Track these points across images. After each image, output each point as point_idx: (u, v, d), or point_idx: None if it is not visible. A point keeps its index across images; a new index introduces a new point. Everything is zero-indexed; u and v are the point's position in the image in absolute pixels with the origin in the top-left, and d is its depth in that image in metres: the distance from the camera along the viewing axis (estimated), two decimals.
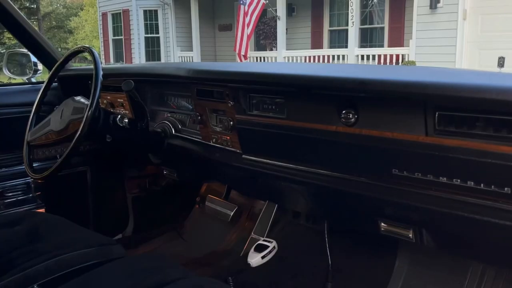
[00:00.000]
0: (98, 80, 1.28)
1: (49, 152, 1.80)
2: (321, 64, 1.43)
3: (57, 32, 24.79)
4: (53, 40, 22.36)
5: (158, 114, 1.64)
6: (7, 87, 1.81)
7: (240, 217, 1.94)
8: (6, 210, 1.70)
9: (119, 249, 1.30)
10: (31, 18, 16.89)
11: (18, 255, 1.27)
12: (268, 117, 1.14)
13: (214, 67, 1.24)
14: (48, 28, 24.05)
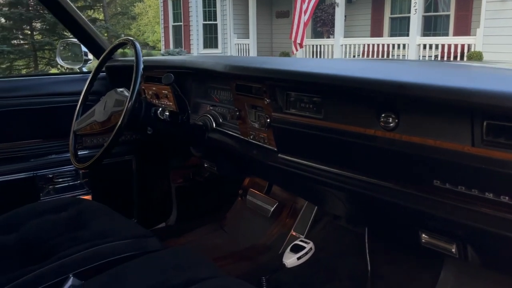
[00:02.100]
0: (138, 73, 1.28)
1: (97, 140, 1.86)
2: (362, 62, 1.35)
3: (121, 19, 25.59)
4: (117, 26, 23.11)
5: (201, 106, 1.63)
6: (59, 76, 1.87)
7: (281, 213, 1.91)
8: (55, 195, 1.78)
9: (155, 242, 1.32)
10: (96, 5, 17.58)
11: (60, 242, 1.32)
12: (304, 116, 1.09)
13: (252, 63, 1.21)
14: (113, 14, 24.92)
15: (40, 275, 1.12)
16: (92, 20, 16.24)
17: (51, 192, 1.78)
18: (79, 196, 1.79)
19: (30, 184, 1.72)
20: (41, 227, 1.42)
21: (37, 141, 1.74)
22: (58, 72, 10.71)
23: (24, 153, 1.72)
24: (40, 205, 1.60)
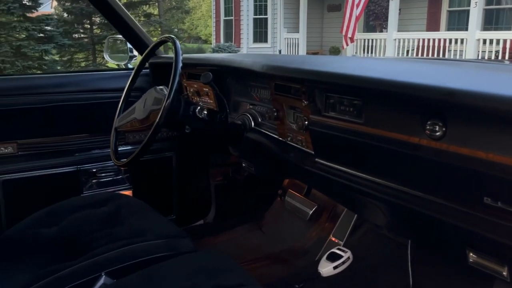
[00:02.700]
0: (176, 72, 1.27)
1: (139, 137, 1.88)
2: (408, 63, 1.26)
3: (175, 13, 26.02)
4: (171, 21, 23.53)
5: (240, 105, 1.60)
6: (105, 73, 1.91)
7: (320, 217, 1.85)
8: (97, 190, 1.81)
9: (188, 243, 1.30)
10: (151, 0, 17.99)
11: (96, 238, 1.33)
12: (343, 120, 1.03)
13: (290, 63, 1.16)
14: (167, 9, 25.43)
15: (74, 272, 1.14)
16: (146, 15, 16.66)
17: (93, 186, 1.81)
18: (120, 191, 1.81)
19: (73, 178, 1.76)
20: (80, 222, 1.44)
21: (82, 135, 1.78)
22: (104, 68, 11.11)
23: (69, 147, 1.76)
24: (81, 199, 1.63)
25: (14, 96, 1.65)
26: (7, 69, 11.88)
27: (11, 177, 1.66)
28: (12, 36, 12.35)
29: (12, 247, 1.35)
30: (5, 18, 12.03)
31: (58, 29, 13.33)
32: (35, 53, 12.40)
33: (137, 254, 1.22)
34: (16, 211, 1.64)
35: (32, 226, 1.46)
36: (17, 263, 1.25)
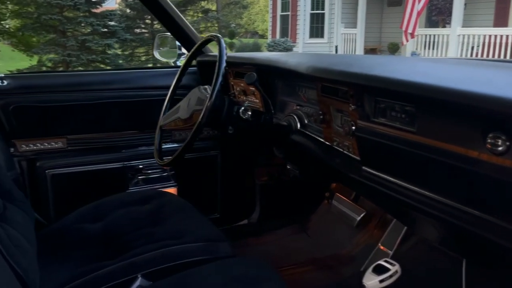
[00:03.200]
0: (219, 72, 1.23)
1: (185, 134, 1.87)
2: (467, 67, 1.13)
3: (233, 8, 26.20)
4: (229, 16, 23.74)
5: (287, 105, 1.55)
6: (153, 70, 1.92)
7: (368, 224, 1.76)
8: (143, 186, 1.83)
9: (226, 248, 1.27)
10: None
11: (136, 237, 1.33)
12: (394, 127, 0.94)
13: (337, 64, 1.08)
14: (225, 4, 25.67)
15: (112, 271, 1.14)
16: (204, 11, 16.89)
17: (139, 182, 1.83)
18: (165, 189, 1.81)
19: (120, 174, 1.79)
20: (123, 219, 1.45)
21: (129, 132, 1.80)
22: (152, 66, 11.42)
23: (116, 144, 1.79)
24: (126, 195, 1.65)
25: (64, 93, 1.70)
26: (72, 62, 12.49)
27: (60, 172, 1.71)
28: (78, 31, 12.95)
29: (56, 241, 1.38)
30: (73, 13, 12.62)
31: (121, 24, 13.82)
32: (99, 47, 12.94)
33: (175, 256, 1.20)
34: (64, 205, 1.69)
35: (78, 220, 1.48)
36: (59, 259, 1.27)
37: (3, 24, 13.10)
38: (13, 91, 1.62)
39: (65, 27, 12.44)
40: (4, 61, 13.73)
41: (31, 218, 1.42)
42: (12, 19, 13.26)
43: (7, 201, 1.33)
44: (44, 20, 12.14)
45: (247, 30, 25.97)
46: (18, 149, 1.66)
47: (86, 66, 12.65)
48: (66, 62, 12.50)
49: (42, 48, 12.41)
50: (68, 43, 12.39)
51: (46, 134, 1.69)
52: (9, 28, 13.34)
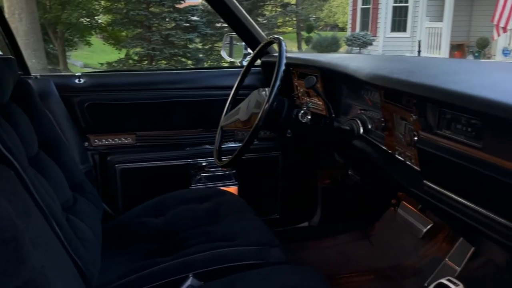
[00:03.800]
0: (278, 76, 1.21)
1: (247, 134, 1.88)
2: None
3: (314, 0, 25.82)
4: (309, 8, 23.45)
5: (351, 108, 1.49)
6: (217, 70, 1.95)
7: (436, 236, 1.65)
8: (205, 183, 1.87)
9: (278, 253, 1.26)
10: None
11: (192, 235, 1.37)
12: (458, 141, 0.87)
13: (398, 72, 1.01)
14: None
15: (165, 269, 1.17)
16: (283, 5, 16.84)
17: (202, 180, 1.87)
18: (227, 187, 1.83)
19: (183, 171, 1.84)
20: (182, 216, 1.49)
21: (193, 131, 1.85)
22: (217, 66, 11.52)
23: (181, 141, 1.84)
24: (188, 192, 1.69)
25: (134, 91, 1.78)
26: (156, 56, 13.09)
27: (128, 166, 1.79)
28: (162, 26, 13.53)
29: (120, 233, 1.45)
30: (158, 9, 13.20)
31: (202, 19, 14.20)
32: (181, 41, 13.41)
33: (226, 259, 1.21)
34: (131, 198, 1.77)
35: (141, 214, 1.55)
36: (120, 251, 1.34)
37: (96, 19, 14.04)
38: (88, 89, 1.73)
39: (151, 22, 13.03)
40: (97, 53, 14.77)
41: (99, 210, 1.51)
42: (104, 14, 14.15)
43: (78, 194, 1.42)
44: (132, 15, 12.82)
45: (327, 23, 25.49)
46: (91, 143, 1.77)
47: (168, 60, 13.19)
48: (150, 56, 13.12)
49: (129, 42, 13.12)
50: (153, 38, 12.99)
51: (117, 130, 1.78)
52: (101, 23, 14.27)
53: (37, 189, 1.03)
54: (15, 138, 1.16)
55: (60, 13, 12.44)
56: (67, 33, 13.45)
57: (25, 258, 0.70)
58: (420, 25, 11.86)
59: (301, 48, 17.29)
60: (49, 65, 12.33)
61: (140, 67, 13.02)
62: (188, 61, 13.39)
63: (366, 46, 13.17)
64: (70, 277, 0.98)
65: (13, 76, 1.30)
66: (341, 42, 14.66)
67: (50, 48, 13.16)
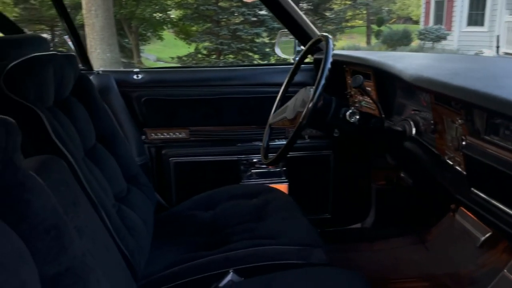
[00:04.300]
0: (323, 75, 1.19)
1: None
2: None
3: None
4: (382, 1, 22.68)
5: (405, 108, 1.43)
6: (269, 67, 1.95)
7: (495, 246, 1.55)
8: (255, 179, 1.89)
9: (320, 254, 1.25)
10: None
11: (237, 231, 1.39)
12: (506, 149, 0.81)
13: (444, 75, 0.95)
14: None
15: (207, 263, 1.20)
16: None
17: (252, 176, 1.89)
18: (277, 184, 1.84)
19: (234, 166, 1.87)
20: (231, 211, 1.52)
21: (244, 127, 1.87)
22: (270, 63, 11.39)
23: (232, 137, 1.87)
24: (238, 188, 1.72)
25: (189, 87, 1.83)
26: (224, 50, 13.33)
27: (182, 160, 1.85)
28: (230, 20, 13.74)
29: (171, 225, 1.51)
30: (227, 3, 13.42)
31: (270, 13, 14.20)
32: (248, 36, 13.54)
33: (267, 257, 1.22)
34: (183, 191, 1.83)
35: (192, 207, 1.60)
36: (169, 242, 1.39)
37: (168, 14, 14.55)
38: (145, 84, 1.80)
39: (219, 17, 13.28)
40: (168, 47, 15.32)
41: (153, 202, 1.58)
42: (175, 9, 14.63)
43: (132, 185, 1.49)
44: (201, 10, 13.14)
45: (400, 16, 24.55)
46: (148, 137, 1.85)
47: (236, 55, 13.38)
48: (218, 50, 13.39)
49: (198, 36, 13.47)
50: (221, 32, 13.23)
51: (171, 125, 1.85)
52: (172, 18, 14.77)
53: (88, 180, 1.10)
54: (72, 131, 1.24)
55: (134, 9, 13.04)
56: (141, 28, 14.08)
57: (66, 246, 0.74)
58: (499, 18, 11.05)
59: (370, 42, 16.80)
60: (124, 59, 13.01)
61: (209, 61, 13.33)
62: (254, 55, 13.49)
63: (439, 40, 12.52)
64: (115, 266, 1.03)
65: (74, 72, 1.39)
66: (413, 36, 14.04)
67: (125, 43, 13.86)
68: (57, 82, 1.26)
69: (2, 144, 0.64)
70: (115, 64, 7.94)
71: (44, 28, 12.98)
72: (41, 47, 1.32)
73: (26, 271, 0.63)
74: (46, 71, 1.20)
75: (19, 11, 13.37)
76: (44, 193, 0.75)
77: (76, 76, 1.41)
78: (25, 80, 1.08)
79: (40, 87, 1.14)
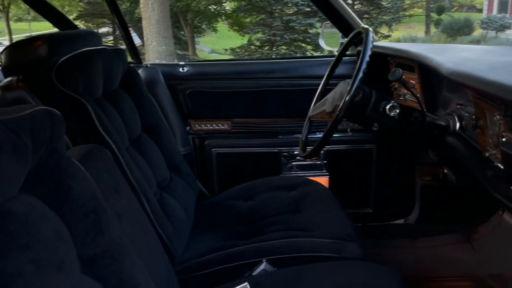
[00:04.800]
0: (360, 68, 1.18)
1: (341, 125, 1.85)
2: None
3: None
4: None
5: (450, 102, 1.38)
6: (311, 60, 1.95)
7: None
8: (296, 172, 1.90)
9: (354, 248, 1.25)
10: None
11: (274, 222, 1.41)
12: None
13: (483, 69, 0.92)
14: None
15: (242, 252, 1.24)
16: None
17: (293, 168, 1.90)
18: (317, 177, 1.84)
19: (274, 158, 1.89)
20: (269, 202, 1.55)
21: (286, 119, 1.88)
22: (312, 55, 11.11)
23: (273, 129, 1.89)
24: (277, 180, 1.74)
25: (231, 80, 1.86)
26: (277, 41, 13.32)
27: (223, 151, 1.90)
28: (283, 11, 13.68)
29: (211, 213, 1.56)
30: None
31: None
32: (301, 26, 13.42)
33: (300, 248, 1.24)
34: (225, 181, 1.87)
35: (232, 197, 1.65)
36: (208, 230, 1.44)
37: (223, 6, 14.73)
38: (190, 77, 1.86)
39: (273, 8, 13.26)
40: (223, 39, 15.54)
41: (195, 191, 1.64)
42: (229, 1, 14.78)
43: (175, 174, 1.56)
44: (255, 1, 13.18)
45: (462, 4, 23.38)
46: (192, 128, 1.91)
47: (288, 46, 13.32)
48: (271, 42, 13.39)
49: (252, 28, 13.54)
50: (274, 23, 13.21)
51: (215, 116, 1.90)
52: (227, 10, 14.94)
53: (130, 168, 1.17)
54: (119, 122, 1.31)
55: (190, 1, 13.30)
56: (196, 20, 14.36)
57: (104, 230, 0.80)
58: None
59: (429, 31, 16.14)
60: (179, 51, 13.35)
61: (261, 52, 13.37)
62: (307, 46, 13.37)
63: (503, 30, 11.81)
64: (153, 250, 1.09)
65: (123, 65, 1.46)
66: (475, 25, 13.34)
67: (181, 35, 14.20)
68: (105, 75, 1.33)
69: (47, 134, 0.70)
70: (170, 57, 8.17)
71: (106, 21, 13.58)
72: (92, 41, 1.40)
73: (65, 250, 0.69)
74: (95, 65, 1.28)
75: (84, 6, 14.06)
76: (85, 180, 0.81)
77: (125, 69, 1.49)
78: (75, 74, 1.16)
79: (89, 80, 1.22)
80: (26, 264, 0.59)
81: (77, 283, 0.69)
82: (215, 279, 1.17)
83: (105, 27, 13.84)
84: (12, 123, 0.61)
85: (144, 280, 0.84)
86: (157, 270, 1.03)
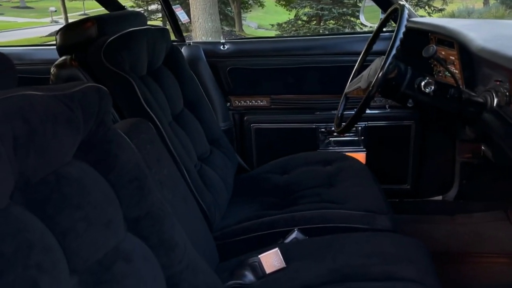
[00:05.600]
0: (394, 44, 1.20)
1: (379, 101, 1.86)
2: None
3: None
4: None
5: (490, 78, 1.36)
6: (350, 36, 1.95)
7: None
8: (333, 147, 1.93)
9: (384, 221, 1.29)
10: None
11: (307, 194, 1.47)
12: None
13: (508, 46, 0.91)
14: None
15: (275, 221, 1.32)
16: None
17: (330, 144, 1.94)
18: (354, 153, 1.87)
19: (312, 134, 1.93)
20: (304, 176, 1.61)
21: (323, 96, 1.91)
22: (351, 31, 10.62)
23: (311, 106, 1.93)
24: (314, 155, 1.79)
25: (270, 57, 1.91)
26: (324, 15, 13.02)
27: (262, 126, 1.96)
28: None
29: (248, 186, 1.64)
30: None
31: None
32: (351, 0, 13.04)
33: (331, 219, 1.29)
34: (263, 155, 1.94)
35: (270, 171, 1.72)
36: (245, 200, 1.53)
37: None
38: (230, 55, 1.92)
39: None
40: (270, 14, 15.40)
41: (234, 164, 1.72)
42: None
43: (215, 147, 1.64)
44: None
45: None
46: (232, 104, 1.98)
47: (337, 20, 12.99)
48: (318, 16, 13.12)
49: (299, 3, 13.29)
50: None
51: (254, 93, 1.95)
52: None
53: (172, 141, 1.26)
54: (162, 98, 1.40)
55: None
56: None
57: (146, 195, 0.89)
58: None
59: (488, 2, 15.20)
60: (226, 27, 13.38)
61: (309, 27, 13.14)
62: (357, 20, 13.00)
63: None
64: (192, 216, 1.18)
65: (166, 43, 1.55)
66: None
67: (228, 11, 14.20)
68: (150, 54, 1.42)
69: (95, 108, 0.79)
70: (216, 33, 8.24)
71: None
72: (137, 21, 1.49)
73: (112, 211, 0.78)
74: (140, 44, 1.36)
75: None
76: (130, 150, 0.89)
77: (168, 48, 1.57)
78: (122, 53, 1.25)
79: (134, 58, 1.31)
80: (78, 222, 0.68)
81: (123, 240, 0.78)
82: (250, 245, 1.25)
83: (154, 4, 14.07)
84: (66, 98, 0.70)
85: (182, 242, 0.92)
86: (195, 234, 1.13)
